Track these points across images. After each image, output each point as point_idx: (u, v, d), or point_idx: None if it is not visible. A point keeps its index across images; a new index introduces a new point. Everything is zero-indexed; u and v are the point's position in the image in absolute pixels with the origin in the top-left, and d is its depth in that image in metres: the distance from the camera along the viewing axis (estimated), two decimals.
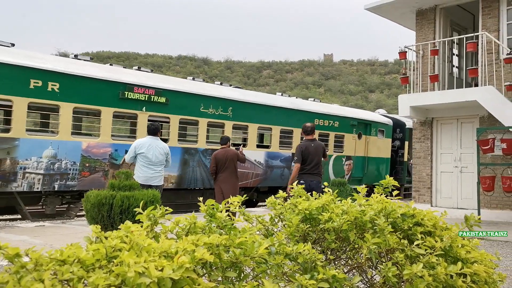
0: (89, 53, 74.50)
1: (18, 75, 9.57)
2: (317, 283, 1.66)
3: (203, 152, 12.80)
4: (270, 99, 15.09)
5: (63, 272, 1.19)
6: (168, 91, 11.97)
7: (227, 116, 13.31)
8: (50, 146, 10.15)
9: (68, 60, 11.02)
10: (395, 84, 75.00)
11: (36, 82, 9.77)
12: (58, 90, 10.06)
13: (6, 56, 9.61)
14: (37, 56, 10.36)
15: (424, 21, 12.87)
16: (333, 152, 16.77)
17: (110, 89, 10.95)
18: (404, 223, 2.26)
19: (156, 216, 1.83)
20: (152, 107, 11.66)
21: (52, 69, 10.08)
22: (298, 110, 15.43)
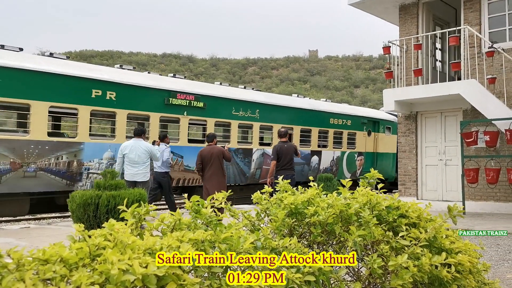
0: (72, 52, 73.59)
1: (82, 86, 10.70)
2: (304, 276, 1.66)
3: (235, 152, 13.95)
4: (291, 101, 16.34)
5: (45, 271, 1.17)
6: (205, 97, 13.22)
7: (255, 118, 14.63)
8: (109, 148, 11.32)
9: (121, 71, 12.21)
10: (380, 79, 75.56)
11: (97, 92, 10.91)
12: (115, 98, 11.20)
13: (72, 69, 10.78)
14: (95, 68, 11.75)
15: (407, 16, 12.97)
16: (347, 148, 18.11)
17: (157, 96, 12.13)
18: (389, 215, 2.28)
19: (140, 214, 1.82)
20: (192, 111, 12.90)
21: (110, 80, 11.25)
22: (315, 111, 16.80)
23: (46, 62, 10.59)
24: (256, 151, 14.89)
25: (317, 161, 16.97)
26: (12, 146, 9.89)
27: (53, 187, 10.62)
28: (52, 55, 11.52)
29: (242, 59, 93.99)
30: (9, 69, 9.67)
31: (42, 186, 10.40)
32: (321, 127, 17.04)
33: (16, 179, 9.95)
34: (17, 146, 9.97)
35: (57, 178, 10.63)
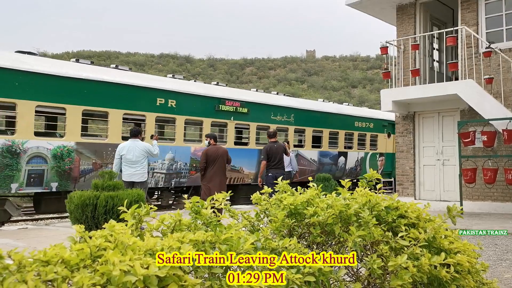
0: (69, 53, 73.43)
1: (149, 96, 12.04)
2: (304, 276, 1.67)
3: None
4: (321, 106, 17.61)
5: (46, 273, 1.17)
6: (249, 103, 14.55)
7: (290, 122, 15.91)
8: (170, 151, 12.57)
9: (180, 81, 13.62)
10: (377, 79, 75.62)
11: (161, 100, 12.22)
12: (175, 106, 12.52)
13: (139, 80, 12.12)
14: (156, 78, 13.21)
15: (405, 16, 13.00)
16: (369, 149, 19.41)
17: (209, 103, 13.46)
18: (388, 216, 2.29)
19: (140, 215, 1.82)
20: (237, 116, 14.21)
21: (171, 89, 12.58)
22: (342, 114, 18.04)
23: (120, 75, 11.94)
24: (291, 153, 15.60)
25: (343, 162, 18.22)
26: (95, 149, 11.18)
27: None
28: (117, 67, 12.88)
29: (240, 60, 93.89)
30: (91, 81, 11.03)
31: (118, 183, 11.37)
32: (347, 129, 18.25)
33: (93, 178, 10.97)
34: (98, 149, 11.27)
35: None
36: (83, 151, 10.99)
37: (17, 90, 9.86)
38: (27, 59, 10.59)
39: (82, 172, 11.01)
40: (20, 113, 9.94)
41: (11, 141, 9.94)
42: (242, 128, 14.80)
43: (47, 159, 10.45)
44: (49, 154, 10.46)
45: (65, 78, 10.67)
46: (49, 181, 10.46)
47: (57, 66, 10.99)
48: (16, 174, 10.06)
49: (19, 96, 9.89)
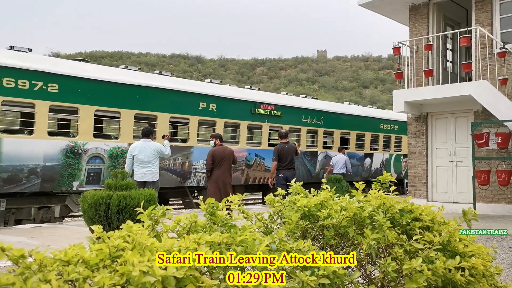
0: (82, 53, 74.13)
1: (192, 100, 12.85)
2: (318, 279, 1.68)
3: (304, 154, 15.85)
4: (348, 109, 18.29)
5: (69, 273, 1.20)
6: (282, 106, 15.28)
7: (320, 124, 16.60)
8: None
9: (219, 86, 14.39)
10: (389, 79, 75.15)
11: (203, 104, 13.05)
12: (215, 109, 13.30)
13: (183, 85, 13.03)
14: (198, 84, 14.07)
15: (418, 16, 12.90)
16: (394, 151, 20.10)
17: (245, 106, 14.23)
18: (403, 219, 2.28)
19: (157, 216, 1.85)
20: (271, 119, 14.96)
21: (212, 94, 13.34)
22: (368, 117, 18.74)
23: (166, 80, 12.75)
24: (321, 154, 16.86)
25: (369, 163, 18.83)
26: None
27: (171, 183, 12.63)
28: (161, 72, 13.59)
29: (251, 60, 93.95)
30: (142, 87, 11.83)
31: (163, 182, 12.02)
32: (373, 131, 18.89)
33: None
34: None
35: (174, 176, 12.70)
36: None
37: (79, 96, 10.65)
38: (86, 67, 11.44)
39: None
40: (81, 117, 10.77)
41: (74, 143, 10.77)
42: (276, 130, 15.24)
43: (104, 159, 11.28)
44: (106, 154, 11.31)
45: (120, 84, 11.48)
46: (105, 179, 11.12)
47: (111, 73, 11.84)
48: (77, 173, 10.87)
49: (81, 101, 10.70)
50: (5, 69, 9.61)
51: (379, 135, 19.28)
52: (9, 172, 9.74)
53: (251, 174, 14.65)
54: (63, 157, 10.54)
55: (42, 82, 10.09)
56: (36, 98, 10.01)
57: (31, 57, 10.53)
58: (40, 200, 10.74)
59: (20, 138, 10.05)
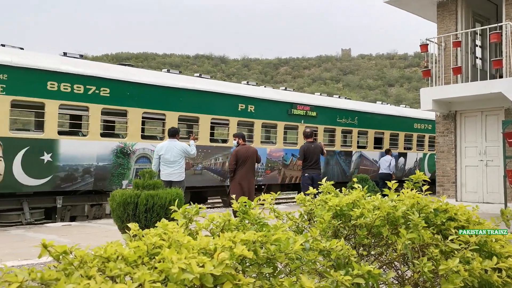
0: (108, 55, 75.44)
1: (232, 101, 13.24)
2: (352, 278, 1.66)
3: (338, 154, 16.32)
4: (382, 109, 18.43)
5: (111, 269, 1.22)
6: (317, 107, 15.50)
7: (354, 124, 16.74)
8: None
9: (256, 88, 14.81)
10: (416, 77, 73.90)
11: (242, 106, 13.46)
12: (253, 110, 13.70)
13: (223, 87, 13.44)
14: (236, 86, 14.44)
15: (446, 13, 12.64)
16: (428, 150, 20.08)
17: (282, 107, 14.52)
18: (437, 218, 2.24)
19: (191, 214, 1.86)
20: (307, 120, 15.14)
21: (250, 95, 13.73)
22: (402, 117, 18.80)
23: (207, 83, 13.23)
24: (355, 153, 16.98)
25: (403, 162, 18.87)
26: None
27: (211, 182, 13.05)
28: (200, 75, 14.18)
29: (274, 59, 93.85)
30: (185, 90, 12.24)
31: (205, 181, 12.82)
32: (406, 131, 18.89)
33: (188, 176, 12.00)
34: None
35: (215, 175, 13.09)
36: None
37: (128, 99, 11.16)
38: (133, 71, 11.99)
39: None
40: (130, 119, 11.28)
41: (123, 144, 11.31)
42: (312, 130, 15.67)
43: (151, 159, 11.58)
44: (152, 154, 11.63)
45: (165, 87, 11.90)
46: None
47: (157, 76, 12.31)
48: (126, 172, 11.38)
49: (130, 104, 11.20)
50: (62, 74, 10.11)
51: (413, 134, 19.23)
52: (65, 172, 10.25)
53: (287, 173, 14.85)
54: (114, 157, 11.05)
55: (95, 86, 10.60)
56: (89, 102, 10.51)
57: (84, 63, 11.08)
58: (93, 198, 11.26)
59: (76, 140, 10.57)
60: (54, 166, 10.01)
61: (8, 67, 9.37)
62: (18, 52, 10.05)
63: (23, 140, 9.64)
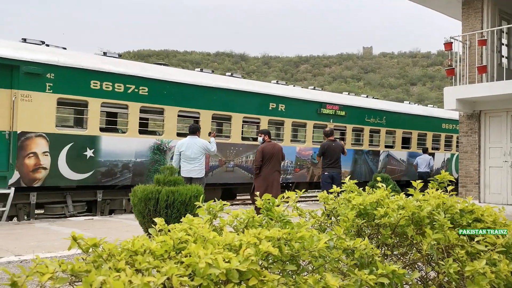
0: (130, 52, 76.32)
1: (263, 100, 13.42)
2: (377, 278, 1.65)
3: (366, 153, 16.43)
4: (410, 109, 18.53)
5: (140, 262, 1.24)
6: (346, 106, 15.66)
7: (382, 124, 16.88)
8: None
9: (286, 87, 14.97)
10: (439, 76, 72.69)
11: (272, 105, 13.64)
12: (284, 109, 13.85)
13: (254, 86, 13.73)
14: (266, 85, 14.66)
15: (471, 10, 12.40)
16: (455, 151, 19.85)
17: (312, 107, 14.70)
18: (463, 219, 2.21)
19: (215, 210, 1.88)
20: (336, 119, 15.31)
21: (281, 95, 13.92)
22: (430, 117, 18.83)
23: (239, 82, 13.54)
24: (383, 153, 17.06)
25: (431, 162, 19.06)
26: (220, 148, 12.32)
27: (242, 179, 13.23)
28: (232, 74, 14.44)
29: (294, 57, 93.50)
30: (219, 89, 12.54)
31: (236, 178, 13.07)
32: (434, 131, 18.92)
33: (220, 173, 12.73)
34: (223, 147, 12.59)
35: (246, 173, 13.27)
36: None
37: (165, 98, 11.53)
38: (171, 71, 12.42)
39: (210, 168, 12.50)
40: (167, 117, 11.60)
41: (160, 141, 11.61)
42: (340, 129, 15.81)
43: None
44: None
45: (200, 86, 12.18)
46: None
47: (191, 75, 12.65)
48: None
49: (167, 102, 11.56)
50: (104, 74, 10.52)
51: (441, 134, 19.24)
52: (106, 167, 10.62)
53: (315, 172, 14.93)
54: (151, 154, 11.36)
55: (134, 85, 10.98)
56: (129, 100, 10.89)
57: (124, 62, 11.50)
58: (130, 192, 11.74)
59: (116, 136, 11.03)
60: (95, 161, 10.42)
61: (55, 66, 9.77)
62: (63, 52, 10.41)
63: (68, 136, 10.07)
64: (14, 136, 9.28)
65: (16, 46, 9.72)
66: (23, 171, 9.39)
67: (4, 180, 9.25)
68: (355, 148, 15.92)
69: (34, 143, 9.52)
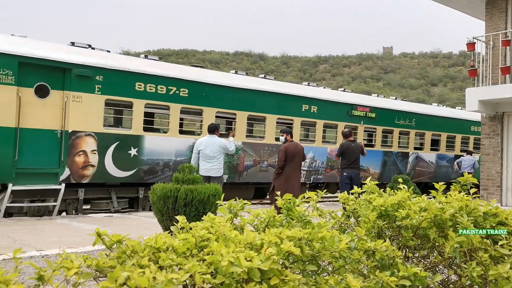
0: (150, 51, 77.05)
1: (296, 102, 13.74)
2: (398, 280, 1.63)
3: (396, 155, 16.59)
4: (439, 111, 18.65)
5: (163, 259, 1.26)
6: (376, 108, 15.85)
7: (411, 126, 17.00)
8: (311, 151, 14.10)
9: (318, 89, 15.33)
10: (460, 77, 71.47)
11: (305, 106, 13.92)
12: (316, 111, 14.12)
13: (288, 88, 13.98)
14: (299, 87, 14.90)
15: (495, 10, 12.17)
16: None
17: (343, 108, 14.93)
18: (486, 222, 2.17)
19: (236, 209, 1.88)
20: (366, 121, 15.53)
21: (313, 97, 14.14)
22: (459, 119, 18.89)
23: (273, 84, 13.82)
24: (412, 155, 17.15)
25: None
26: (255, 148, 12.98)
27: None
28: (265, 76, 14.69)
29: (313, 57, 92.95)
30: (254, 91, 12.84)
31: (269, 178, 12.96)
32: (463, 133, 19.02)
33: (255, 172, 13.03)
34: (257, 148, 13.01)
35: None
36: (247, 149, 12.87)
37: (203, 99, 11.93)
38: (209, 73, 12.82)
39: (245, 167, 12.84)
40: (205, 117, 11.94)
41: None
42: (370, 131, 16.03)
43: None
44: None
45: (236, 88, 12.53)
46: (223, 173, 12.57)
47: (228, 78, 13.03)
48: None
49: (205, 104, 11.94)
50: (148, 76, 10.98)
51: (470, 137, 19.28)
52: (148, 165, 11.02)
53: None
54: (190, 153, 11.58)
55: (176, 87, 11.41)
56: (170, 101, 11.32)
57: (166, 65, 12.04)
58: None
59: (158, 136, 11.43)
60: (139, 160, 10.84)
61: (103, 69, 10.25)
62: (108, 55, 10.91)
63: (114, 135, 10.53)
64: (65, 135, 9.76)
65: (67, 50, 10.21)
66: (73, 168, 9.87)
67: (56, 177, 9.73)
68: (384, 149, 16.11)
69: (83, 141, 10.04)
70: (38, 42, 10.21)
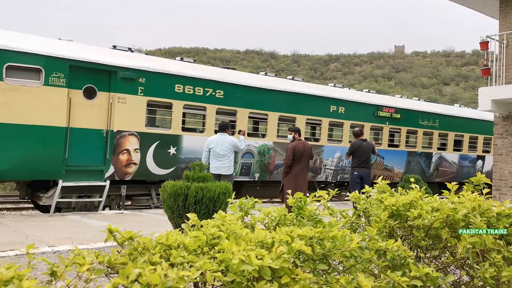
0: (161, 49, 77.35)
1: (324, 103, 14.04)
2: (410, 280, 1.62)
3: (419, 155, 16.85)
4: (462, 112, 18.92)
5: (175, 256, 1.26)
6: (402, 109, 16.17)
7: (435, 126, 17.28)
8: (338, 150, 14.60)
9: (344, 90, 15.74)
10: (473, 76, 70.71)
11: (333, 107, 14.22)
12: (343, 112, 14.46)
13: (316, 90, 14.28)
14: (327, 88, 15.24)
15: (509, 8, 12.00)
16: None
17: (369, 109, 15.27)
18: (499, 223, 2.15)
19: (247, 207, 1.88)
20: (391, 121, 15.83)
21: (341, 98, 14.50)
22: (481, 120, 18.88)
23: (302, 85, 14.25)
24: (435, 155, 17.42)
25: (481, 165, 19.27)
26: (285, 148, 12.84)
27: None
28: (293, 78, 14.98)
29: (324, 55, 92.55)
30: (284, 92, 13.22)
31: None
32: (485, 134, 19.02)
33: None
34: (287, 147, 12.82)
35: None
36: (277, 149, 13.20)
37: (237, 100, 12.35)
38: (242, 75, 13.43)
39: (275, 166, 13.11)
40: (239, 118, 12.39)
41: None
42: (395, 132, 16.36)
43: (254, 154, 12.79)
44: (256, 150, 12.86)
45: (268, 90, 12.90)
46: (254, 172, 12.93)
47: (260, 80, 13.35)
48: (235, 165, 12.66)
49: (239, 105, 12.37)
50: (186, 78, 11.44)
51: (492, 138, 19.27)
52: (186, 163, 11.19)
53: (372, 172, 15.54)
54: None
55: (212, 89, 11.84)
56: (207, 103, 11.77)
57: (203, 68, 12.59)
58: None
59: (195, 136, 11.91)
60: (177, 158, 11.29)
61: (146, 72, 10.71)
62: (150, 58, 11.52)
63: (155, 135, 11.00)
64: (111, 134, 10.22)
65: (112, 53, 10.67)
66: (117, 166, 10.32)
67: (101, 174, 10.20)
68: (408, 150, 16.41)
69: (127, 141, 10.52)
70: (83, 45, 10.69)
